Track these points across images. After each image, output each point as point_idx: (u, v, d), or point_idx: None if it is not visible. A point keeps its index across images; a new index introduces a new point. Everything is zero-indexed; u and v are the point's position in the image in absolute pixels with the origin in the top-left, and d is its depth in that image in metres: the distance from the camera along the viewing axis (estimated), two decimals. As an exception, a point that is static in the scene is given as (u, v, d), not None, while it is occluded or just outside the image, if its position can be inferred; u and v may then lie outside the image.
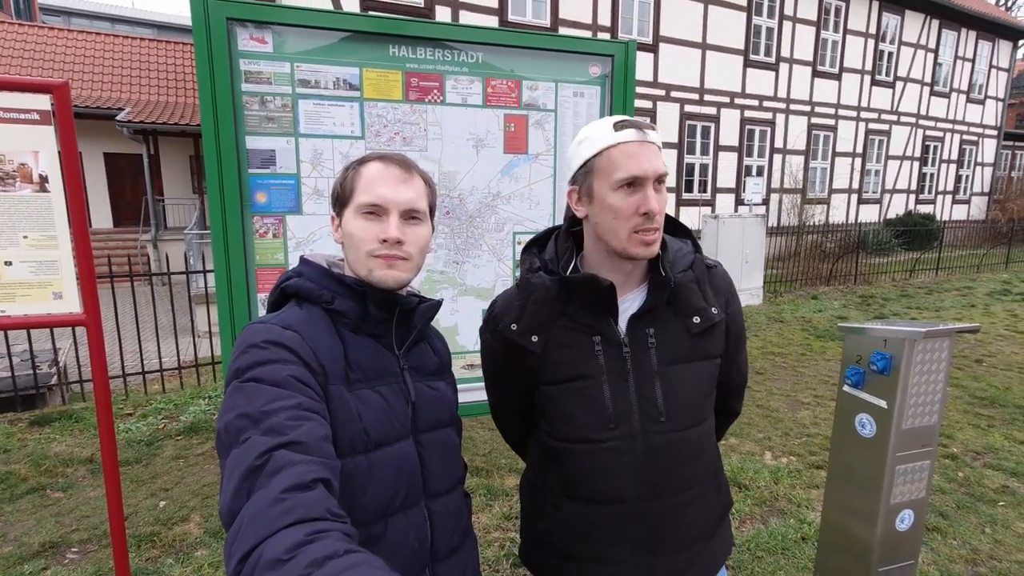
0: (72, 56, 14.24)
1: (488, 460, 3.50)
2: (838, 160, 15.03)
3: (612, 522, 1.03)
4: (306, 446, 0.71)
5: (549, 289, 1.01)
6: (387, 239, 0.90)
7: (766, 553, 2.54)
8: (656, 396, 1.00)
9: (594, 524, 1.05)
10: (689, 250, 1.06)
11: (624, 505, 1.02)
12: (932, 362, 1.98)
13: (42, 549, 2.62)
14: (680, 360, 1.02)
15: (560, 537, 1.10)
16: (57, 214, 1.72)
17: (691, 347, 1.02)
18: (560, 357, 1.02)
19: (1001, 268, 12.64)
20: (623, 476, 1.01)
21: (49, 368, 4.74)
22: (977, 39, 17.03)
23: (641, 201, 0.92)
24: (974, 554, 2.55)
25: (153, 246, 12.56)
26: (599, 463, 1.02)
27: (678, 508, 1.05)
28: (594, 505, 1.04)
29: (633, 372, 1.00)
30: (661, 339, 1.01)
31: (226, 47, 1.78)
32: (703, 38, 12.27)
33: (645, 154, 0.93)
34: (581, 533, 1.06)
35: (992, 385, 4.83)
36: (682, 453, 1.03)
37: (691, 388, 1.03)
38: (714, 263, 1.08)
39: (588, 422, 1.02)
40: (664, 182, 0.96)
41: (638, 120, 0.94)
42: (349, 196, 0.93)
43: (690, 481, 1.05)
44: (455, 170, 2.11)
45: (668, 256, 1.02)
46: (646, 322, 1.01)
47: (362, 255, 0.91)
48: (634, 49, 2.23)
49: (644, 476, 1.01)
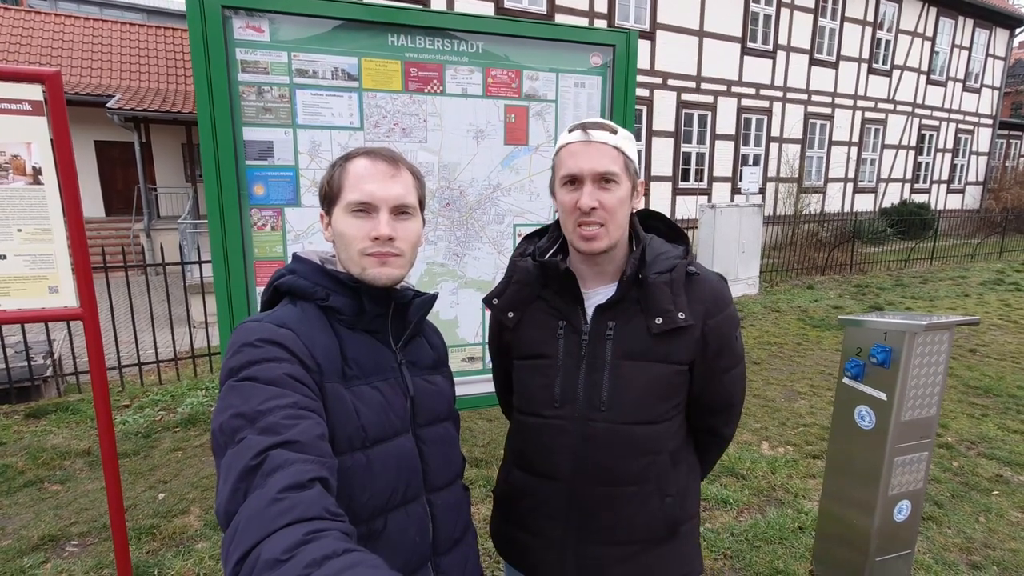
0: (60, 42, 13.99)
1: (487, 451, 3.50)
2: (834, 149, 15.02)
3: (550, 498, 1.10)
4: (302, 445, 0.71)
5: (530, 272, 1.11)
6: (379, 237, 0.89)
7: (764, 543, 2.57)
8: (603, 386, 1.04)
9: (534, 497, 1.12)
10: (676, 255, 1.06)
11: (559, 483, 1.08)
12: (932, 355, 1.99)
13: (41, 542, 2.61)
14: (636, 356, 1.03)
15: (510, 505, 1.19)
16: (51, 207, 1.70)
17: (650, 346, 1.03)
18: (529, 335, 1.11)
19: (995, 257, 12.71)
20: (560, 454, 1.07)
21: (44, 360, 4.70)
22: (974, 27, 16.98)
23: (578, 198, 0.99)
24: (969, 543, 2.58)
25: (146, 235, 12.44)
26: (543, 438, 1.10)
27: (612, 498, 1.06)
28: (535, 478, 1.12)
29: (587, 359, 1.05)
30: (620, 333, 1.04)
31: (222, 36, 1.74)
32: (700, 25, 12.18)
33: (586, 154, 0.99)
34: (526, 504, 1.14)
35: (986, 375, 4.87)
36: (619, 446, 1.04)
37: (642, 386, 1.04)
38: (697, 272, 1.06)
39: (539, 398, 1.10)
40: (612, 180, 0.99)
41: (593, 122, 1.01)
42: (337, 194, 0.92)
43: (625, 476, 1.05)
44: (455, 161, 2.09)
45: (647, 255, 1.05)
46: (609, 315, 1.05)
47: (354, 254, 0.91)
48: (635, 39, 2.20)
49: (579, 459, 1.06)
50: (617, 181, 0.99)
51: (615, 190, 0.99)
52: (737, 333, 1.12)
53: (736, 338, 1.11)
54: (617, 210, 1.00)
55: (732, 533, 2.64)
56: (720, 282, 1.10)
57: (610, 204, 0.99)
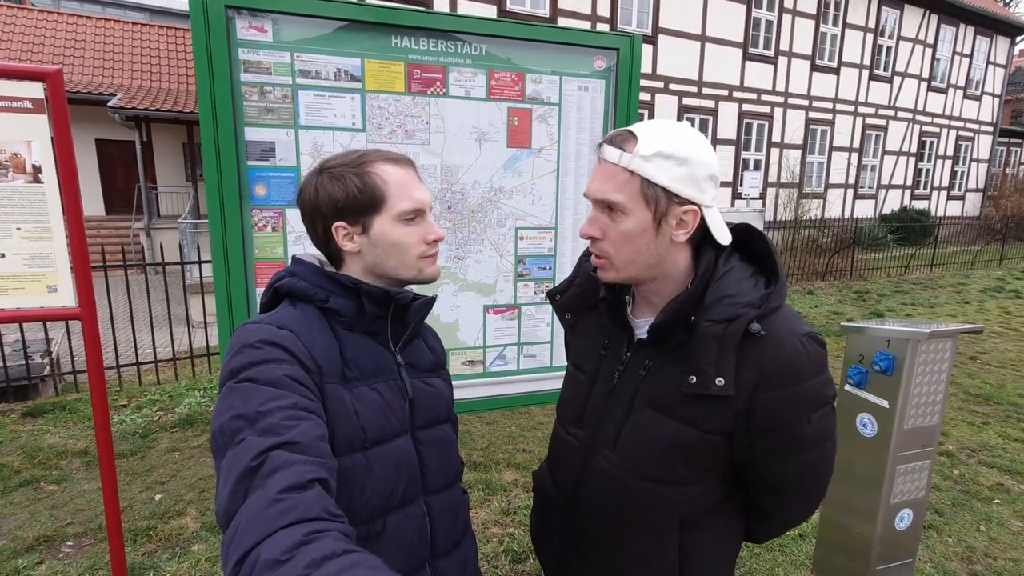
0: (63, 40, 14.00)
1: (486, 455, 3.49)
2: (835, 155, 15.04)
3: (553, 506, 1.07)
4: (302, 446, 0.71)
5: (592, 279, 1.00)
6: (438, 239, 0.95)
7: (763, 550, 2.55)
8: (622, 426, 0.93)
9: (548, 507, 1.10)
10: (745, 303, 0.83)
11: (562, 497, 1.05)
12: (935, 363, 1.98)
13: (36, 543, 2.60)
14: (661, 409, 0.89)
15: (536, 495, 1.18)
16: (51, 205, 1.68)
17: (677, 404, 0.87)
18: (578, 343, 1.06)
19: (995, 265, 12.71)
20: (569, 474, 1.04)
21: (42, 359, 4.68)
22: (975, 35, 17.02)
23: None
24: (970, 552, 2.56)
25: (146, 234, 12.43)
26: (560, 449, 1.07)
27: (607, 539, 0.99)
28: (552, 484, 1.09)
29: (616, 394, 0.95)
30: (653, 378, 0.90)
31: (225, 36, 1.73)
32: (702, 30, 12.20)
33: (595, 174, 0.88)
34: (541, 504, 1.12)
35: (986, 383, 4.86)
36: (619, 493, 0.94)
37: (656, 442, 0.90)
38: (764, 333, 0.82)
39: (568, 412, 1.05)
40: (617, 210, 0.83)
41: (614, 134, 0.85)
42: (380, 203, 0.90)
43: (620, 525, 0.97)
44: (457, 164, 2.08)
45: (708, 296, 0.85)
46: (649, 353, 0.91)
47: (412, 259, 0.93)
48: (639, 43, 2.20)
49: (581, 486, 1.00)
50: (624, 212, 0.82)
51: (620, 222, 0.83)
52: (813, 416, 0.87)
53: (807, 422, 0.87)
54: (622, 245, 0.84)
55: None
56: (799, 348, 0.84)
57: (612, 237, 0.84)
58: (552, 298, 1.09)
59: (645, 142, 0.81)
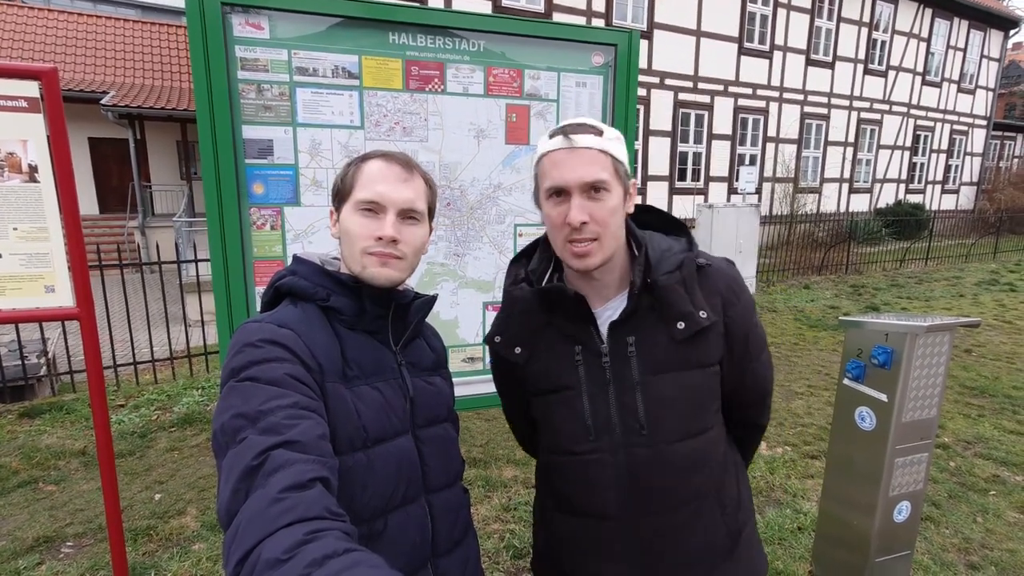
0: (54, 38, 13.88)
1: (485, 451, 3.50)
2: (830, 149, 15.07)
3: (601, 538, 1.00)
4: (304, 445, 0.71)
5: (529, 301, 1.00)
6: (382, 237, 0.90)
7: (763, 543, 2.57)
8: (638, 408, 0.95)
9: (584, 540, 1.02)
10: (680, 249, 0.98)
11: (611, 521, 0.99)
12: (933, 356, 1.99)
13: (36, 543, 2.59)
14: (665, 369, 0.95)
15: (557, 552, 1.08)
16: (47, 205, 1.67)
17: (678, 355, 0.94)
18: (544, 367, 1.01)
19: (989, 258, 12.78)
20: (606, 491, 0.98)
21: (38, 359, 4.66)
22: (969, 29, 17.06)
23: (566, 212, 0.89)
24: (966, 543, 2.59)
25: (141, 233, 12.37)
26: (582, 477, 1.00)
27: (672, 525, 0.98)
28: (581, 520, 1.02)
29: (614, 383, 0.96)
30: (643, 347, 0.95)
31: (221, 33, 1.72)
32: (698, 25, 12.19)
33: (570, 163, 0.89)
34: (574, 549, 1.04)
35: (982, 375, 4.90)
36: (669, 467, 0.96)
37: (679, 399, 0.95)
38: (707, 262, 0.98)
39: (570, 434, 1.00)
40: (603, 189, 0.89)
41: (575, 124, 0.91)
42: (348, 191, 0.93)
43: (682, 497, 0.98)
44: (456, 161, 2.07)
45: (651, 256, 0.96)
46: (627, 330, 0.95)
47: (356, 251, 0.91)
48: (637, 38, 2.19)
49: (628, 491, 0.97)
50: (608, 189, 0.89)
51: (606, 199, 0.89)
52: (756, 319, 1.04)
53: (757, 324, 1.03)
54: (610, 221, 0.90)
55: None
56: (730, 267, 1.01)
57: (602, 216, 0.89)
58: (491, 341, 1.04)
59: (605, 128, 0.92)
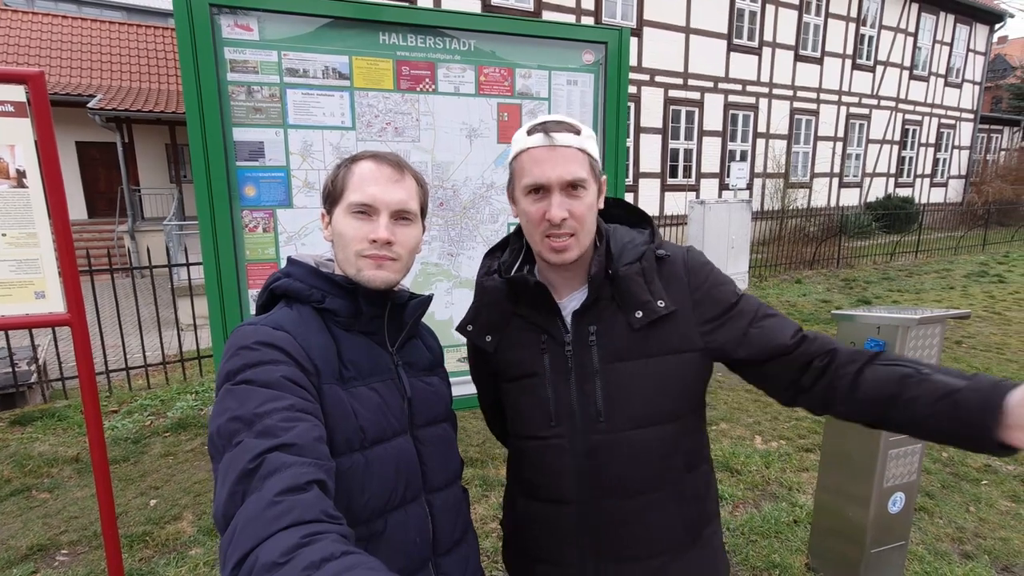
0: (39, 41, 13.73)
1: (482, 450, 3.50)
2: (820, 144, 15.17)
3: (561, 523, 1.03)
4: (300, 448, 0.70)
5: (499, 291, 1.03)
6: (376, 239, 0.90)
7: (760, 537, 2.59)
8: (595, 395, 0.98)
9: (547, 524, 1.06)
10: (642, 241, 1.01)
11: (569, 506, 1.02)
12: (924, 348, 2.01)
13: (30, 552, 2.57)
14: (625, 357, 0.97)
15: (522, 536, 1.12)
16: (36, 210, 1.66)
17: (637, 343, 0.97)
18: (512, 356, 1.05)
19: (978, 250, 12.91)
20: (565, 476, 1.01)
21: (28, 366, 4.62)
22: (955, 23, 17.22)
23: (546, 208, 0.92)
24: (960, 532, 2.61)
25: (130, 237, 12.27)
26: (544, 461, 1.04)
27: (628, 512, 1.00)
28: (543, 504, 1.06)
29: (575, 371, 0.99)
30: (603, 336, 0.98)
31: (210, 35, 1.71)
32: (687, 22, 12.23)
33: (551, 160, 0.92)
34: (538, 533, 1.07)
35: (972, 366, 4.95)
36: (626, 455, 0.98)
37: (640, 387, 0.97)
38: (667, 253, 1.00)
39: (533, 420, 1.04)
40: (580, 187, 0.92)
41: (554, 122, 0.94)
42: (340, 194, 0.93)
43: (637, 485, 0.99)
44: (448, 160, 2.07)
45: (612, 247, 0.99)
46: (588, 319, 0.99)
47: (351, 254, 0.91)
48: (627, 36, 2.20)
49: (585, 477, 0.99)
50: (586, 187, 0.93)
51: (584, 196, 0.93)
52: (735, 289, 1.03)
53: (735, 294, 1.02)
54: (587, 217, 0.94)
55: (728, 528, 2.66)
56: (688, 253, 1.03)
57: (580, 212, 0.93)
58: (464, 330, 1.08)
59: (581, 127, 0.95)
